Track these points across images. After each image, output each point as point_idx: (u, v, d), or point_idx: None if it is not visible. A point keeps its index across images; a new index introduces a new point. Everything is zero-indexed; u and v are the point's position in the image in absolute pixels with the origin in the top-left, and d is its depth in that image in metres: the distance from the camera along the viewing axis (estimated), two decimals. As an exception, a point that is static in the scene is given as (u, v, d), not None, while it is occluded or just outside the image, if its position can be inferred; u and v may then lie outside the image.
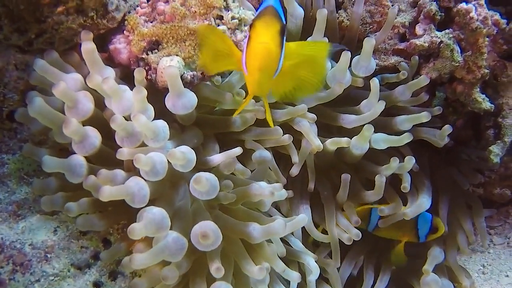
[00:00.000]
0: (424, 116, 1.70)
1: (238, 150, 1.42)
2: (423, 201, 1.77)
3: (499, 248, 2.17)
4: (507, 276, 1.96)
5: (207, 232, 1.22)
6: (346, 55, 1.63)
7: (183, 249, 1.24)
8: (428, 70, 1.78)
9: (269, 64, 1.17)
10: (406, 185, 1.71)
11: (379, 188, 1.69)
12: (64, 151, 1.40)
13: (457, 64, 1.71)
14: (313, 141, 1.63)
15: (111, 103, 1.34)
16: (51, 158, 1.27)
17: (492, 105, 1.77)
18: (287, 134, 1.62)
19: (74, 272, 1.33)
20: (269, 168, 1.65)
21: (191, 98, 1.40)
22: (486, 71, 1.70)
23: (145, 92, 1.28)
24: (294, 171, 1.70)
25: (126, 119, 1.28)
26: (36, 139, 1.44)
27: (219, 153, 1.48)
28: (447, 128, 1.75)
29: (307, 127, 1.65)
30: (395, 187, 1.79)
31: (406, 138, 1.68)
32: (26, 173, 1.42)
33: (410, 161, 1.68)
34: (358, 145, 1.69)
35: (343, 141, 1.68)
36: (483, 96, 1.77)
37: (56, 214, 1.39)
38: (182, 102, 1.38)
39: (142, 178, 1.25)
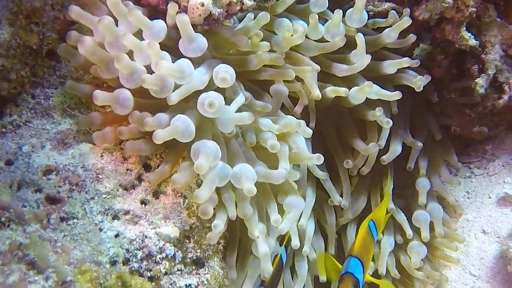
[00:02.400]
0: (405, 61, 1.93)
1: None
2: (397, 148, 2.01)
3: (480, 178, 2.40)
4: (490, 197, 2.20)
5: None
6: (338, 13, 1.82)
7: (229, 176, 1.44)
8: (420, 12, 1.97)
9: None
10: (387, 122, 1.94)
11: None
12: (99, 87, 1.51)
13: (447, 5, 1.91)
14: (314, 91, 1.80)
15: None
16: (101, 92, 1.38)
17: (477, 41, 1.98)
18: (299, 82, 1.81)
19: (122, 192, 1.46)
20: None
21: (201, 43, 1.50)
22: (474, 9, 1.90)
23: (157, 45, 1.38)
24: (298, 109, 1.88)
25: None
26: (74, 75, 1.55)
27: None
28: (421, 78, 1.97)
29: (311, 78, 1.82)
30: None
31: (396, 96, 1.89)
32: (68, 106, 1.52)
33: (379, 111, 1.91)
34: (356, 97, 1.90)
35: (342, 91, 1.88)
36: (469, 34, 1.98)
37: (99, 143, 1.51)
38: (192, 46, 1.50)
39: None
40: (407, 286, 2.01)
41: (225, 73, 1.46)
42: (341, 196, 2.03)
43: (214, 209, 1.44)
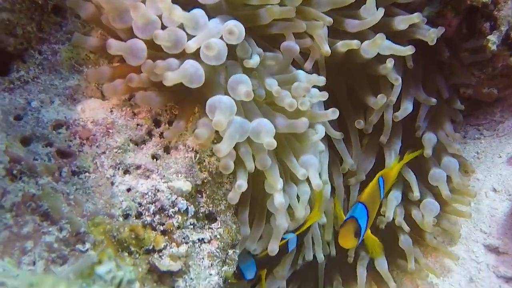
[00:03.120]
0: (415, 17, 1.89)
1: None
2: (408, 106, 1.98)
3: (489, 139, 2.39)
4: (500, 157, 2.19)
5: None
6: None
7: (249, 131, 1.43)
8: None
9: None
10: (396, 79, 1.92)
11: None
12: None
13: (458, -41, 1.87)
14: (323, 47, 1.77)
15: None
16: (116, 41, 1.36)
17: (489, -3, 1.94)
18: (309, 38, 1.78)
19: (133, 146, 1.45)
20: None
21: None
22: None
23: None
24: (308, 65, 1.85)
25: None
26: (81, 31, 1.52)
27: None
28: (438, 30, 1.95)
29: (321, 33, 1.79)
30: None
31: (409, 50, 1.85)
32: (76, 62, 1.50)
33: (390, 63, 1.88)
34: (368, 50, 1.86)
35: (354, 43, 1.84)
36: (481, -11, 1.94)
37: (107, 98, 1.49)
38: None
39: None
40: (417, 241, 2.00)
41: (233, 27, 1.43)
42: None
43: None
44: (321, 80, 1.67)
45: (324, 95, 1.66)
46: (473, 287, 1.85)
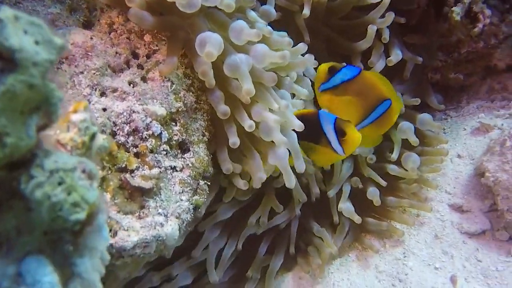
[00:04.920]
0: None
1: None
2: (398, 52, 2.06)
3: (455, 118, 2.49)
4: (465, 130, 2.29)
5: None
6: None
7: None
8: None
9: None
10: (385, 36, 2.00)
11: (370, 36, 1.96)
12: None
13: None
14: None
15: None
16: None
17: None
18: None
19: (110, 72, 1.49)
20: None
21: None
22: None
23: None
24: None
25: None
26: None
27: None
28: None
29: None
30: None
31: None
32: (58, -8, 1.55)
33: (390, 16, 1.97)
34: None
35: None
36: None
37: (89, 29, 1.54)
38: None
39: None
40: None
41: None
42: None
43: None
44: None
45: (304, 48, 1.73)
46: (437, 243, 1.90)
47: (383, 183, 1.94)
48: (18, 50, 0.62)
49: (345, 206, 1.89)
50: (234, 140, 1.55)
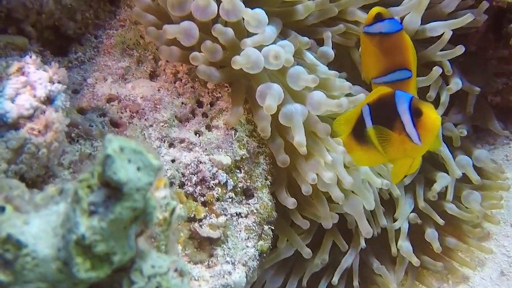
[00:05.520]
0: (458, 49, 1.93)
1: None
2: (457, 82, 2.03)
3: (518, 144, 2.42)
4: (528, 159, 2.22)
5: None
6: None
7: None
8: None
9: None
10: (449, 69, 1.97)
11: (433, 77, 1.92)
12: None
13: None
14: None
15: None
16: (171, 25, 1.49)
17: (517, -4, 2.02)
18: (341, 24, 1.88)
19: (177, 123, 1.55)
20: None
21: None
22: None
23: None
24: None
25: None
26: (133, 20, 1.66)
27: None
28: (484, 4, 1.97)
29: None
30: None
31: (468, 18, 1.87)
32: (128, 46, 1.63)
33: (460, 49, 1.93)
34: (412, 20, 1.87)
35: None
36: (508, -11, 2.02)
37: (154, 80, 1.61)
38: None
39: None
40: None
41: (279, 51, 1.52)
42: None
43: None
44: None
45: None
46: (504, 280, 1.85)
47: (441, 222, 1.93)
48: (125, 183, 0.67)
49: (404, 245, 1.88)
50: (307, 189, 1.59)
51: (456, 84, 2.04)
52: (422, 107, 1.40)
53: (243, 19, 1.52)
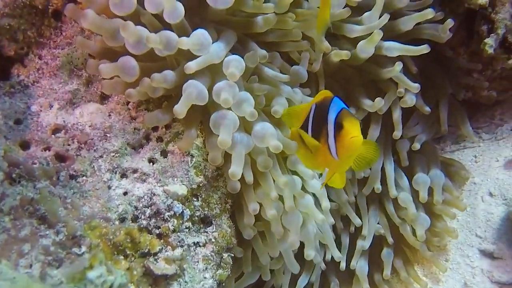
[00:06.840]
0: (429, 13, 1.83)
1: None
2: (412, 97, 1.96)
3: (488, 142, 2.40)
4: (497, 161, 2.20)
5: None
6: None
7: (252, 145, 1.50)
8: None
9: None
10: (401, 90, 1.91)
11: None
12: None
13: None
14: (322, 44, 1.77)
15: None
16: (107, 64, 1.38)
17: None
18: (305, 40, 1.78)
19: (130, 150, 1.47)
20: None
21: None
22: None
23: None
24: (316, 66, 1.86)
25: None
26: (82, 35, 1.55)
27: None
28: (449, 22, 1.90)
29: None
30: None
31: (425, 49, 1.82)
32: (75, 67, 1.53)
33: (399, 66, 1.85)
34: (365, 49, 1.84)
35: (343, 54, 1.83)
36: (478, -9, 1.95)
37: (105, 102, 1.52)
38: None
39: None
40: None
41: (235, 69, 1.44)
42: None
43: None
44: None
45: None
46: (467, 292, 1.87)
47: (391, 241, 1.93)
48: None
49: (359, 266, 1.89)
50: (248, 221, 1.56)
51: (410, 99, 1.96)
52: (345, 121, 1.27)
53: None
